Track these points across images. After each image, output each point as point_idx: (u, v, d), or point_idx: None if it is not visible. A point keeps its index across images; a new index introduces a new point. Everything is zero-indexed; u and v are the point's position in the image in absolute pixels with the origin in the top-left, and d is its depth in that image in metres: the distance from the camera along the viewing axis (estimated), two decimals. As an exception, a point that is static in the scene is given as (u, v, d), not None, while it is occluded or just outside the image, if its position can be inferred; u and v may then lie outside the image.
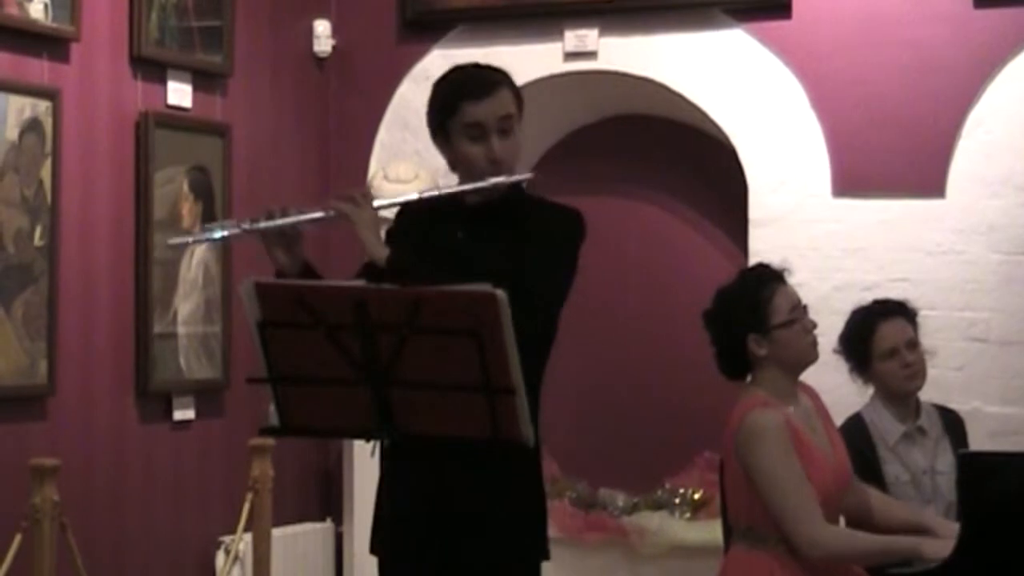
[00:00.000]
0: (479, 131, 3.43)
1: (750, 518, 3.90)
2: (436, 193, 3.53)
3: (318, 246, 6.15)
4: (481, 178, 3.44)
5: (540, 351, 3.47)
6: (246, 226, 3.38)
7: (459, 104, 3.44)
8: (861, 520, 4.17)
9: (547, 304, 3.41)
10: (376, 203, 3.41)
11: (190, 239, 3.60)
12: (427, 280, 3.10)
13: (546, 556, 3.49)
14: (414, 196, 3.53)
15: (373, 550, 3.53)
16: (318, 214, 3.40)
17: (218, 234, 3.49)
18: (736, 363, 4.03)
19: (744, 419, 3.90)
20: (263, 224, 3.37)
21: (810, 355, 4.01)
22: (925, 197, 5.90)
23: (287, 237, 3.39)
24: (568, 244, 3.49)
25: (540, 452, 3.46)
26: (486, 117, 3.43)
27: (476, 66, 3.58)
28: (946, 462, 4.59)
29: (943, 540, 3.91)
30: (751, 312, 3.94)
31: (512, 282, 3.07)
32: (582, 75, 6.41)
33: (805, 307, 4.01)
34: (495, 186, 3.44)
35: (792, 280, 4.10)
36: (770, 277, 4.01)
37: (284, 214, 3.38)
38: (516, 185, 3.51)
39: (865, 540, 3.92)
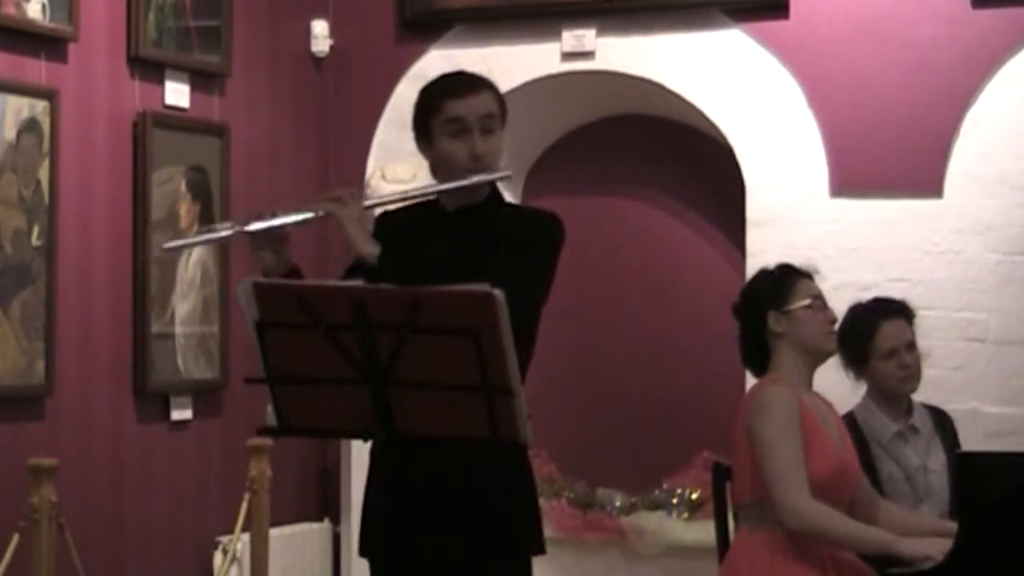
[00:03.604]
0: (461, 126, 3.48)
1: (755, 493, 3.97)
2: (421, 190, 3.58)
3: (318, 247, 6.16)
4: (462, 176, 3.47)
5: (520, 355, 3.47)
6: (238, 228, 3.44)
7: (442, 102, 3.50)
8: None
9: (521, 308, 3.38)
10: (365, 202, 3.47)
11: (186, 242, 3.78)
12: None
13: (539, 551, 3.49)
14: (400, 194, 3.61)
15: (362, 552, 3.53)
16: (307, 215, 3.45)
17: (212, 236, 3.66)
18: (758, 348, 4.14)
19: (757, 393, 4.04)
20: (255, 226, 3.42)
21: (827, 343, 4.14)
22: (923, 197, 5.91)
23: (276, 239, 3.43)
24: (543, 248, 3.50)
25: (527, 452, 3.46)
26: (468, 113, 3.48)
27: (461, 72, 3.65)
28: (938, 460, 4.62)
29: (923, 540, 3.93)
30: (774, 291, 4.12)
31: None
32: (580, 75, 6.41)
33: (831, 310, 4.17)
34: (478, 183, 3.48)
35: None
36: (798, 270, 4.21)
37: (274, 215, 3.43)
38: (494, 192, 3.55)
39: (843, 522, 3.95)
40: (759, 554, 3.95)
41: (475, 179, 3.47)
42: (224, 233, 3.52)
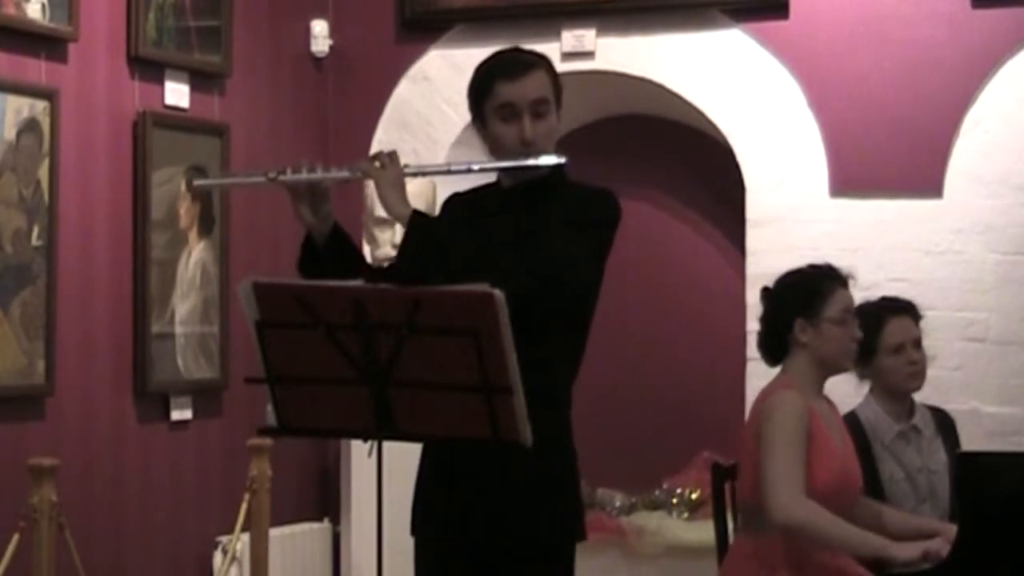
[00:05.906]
0: (511, 112, 3.43)
1: (756, 497, 3.94)
2: (464, 167, 3.54)
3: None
4: (513, 159, 3.44)
5: (577, 328, 3.49)
6: (272, 175, 3.42)
7: (492, 85, 3.44)
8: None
9: (574, 289, 3.39)
10: (404, 167, 3.43)
11: (217, 182, 3.69)
12: (443, 246, 3.27)
13: (580, 537, 3.53)
14: (443, 165, 3.57)
15: (413, 531, 3.52)
16: (345, 174, 3.47)
17: (244, 180, 3.78)
18: (776, 346, 4.11)
19: (770, 396, 4.00)
20: (289, 177, 3.41)
21: (846, 360, 4.12)
22: (923, 197, 5.91)
23: (313, 194, 3.41)
24: (597, 227, 3.47)
25: (572, 437, 3.56)
26: (518, 98, 3.42)
27: (515, 49, 3.59)
28: (939, 461, 4.61)
29: (915, 543, 3.91)
30: (808, 297, 4.05)
31: (537, 264, 3.24)
32: (580, 75, 6.41)
33: (857, 321, 4.11)
34: (524, 167, 3.44)
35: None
36: (836, 276, 4.12)
37: (311, 170, 3.42)
38: (553, 168, 3.49)
39: (836, 523, 3.90)
40: (759, 569, 3.93)
41: (511, 163, 3.44)
42: (256, 179, 3.50)
